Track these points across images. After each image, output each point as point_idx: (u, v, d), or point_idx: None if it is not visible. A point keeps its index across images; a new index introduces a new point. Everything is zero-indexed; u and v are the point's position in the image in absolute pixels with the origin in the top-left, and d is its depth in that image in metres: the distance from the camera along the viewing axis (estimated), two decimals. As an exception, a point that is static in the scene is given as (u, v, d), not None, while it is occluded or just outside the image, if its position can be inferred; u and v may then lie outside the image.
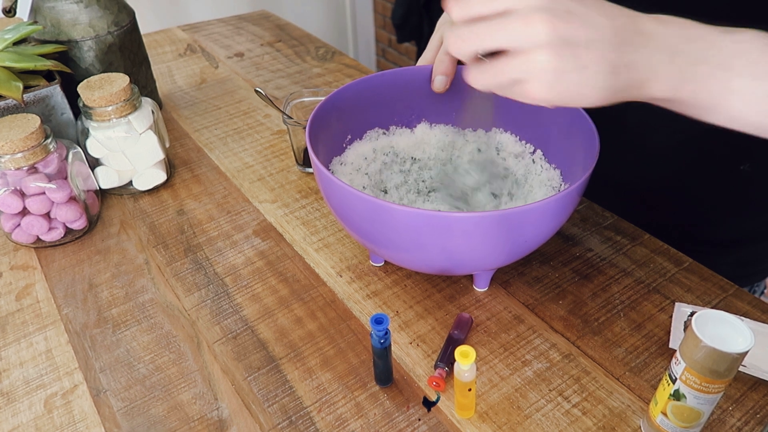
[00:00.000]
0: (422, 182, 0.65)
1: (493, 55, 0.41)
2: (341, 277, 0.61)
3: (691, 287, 0.58)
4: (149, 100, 0.72)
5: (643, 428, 0.47)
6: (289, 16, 1.46)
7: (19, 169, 0.61)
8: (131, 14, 0.80)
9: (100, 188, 0.73)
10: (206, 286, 0.61)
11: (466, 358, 0.43)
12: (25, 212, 0.63)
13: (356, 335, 0.55)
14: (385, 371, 0.50)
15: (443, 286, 0.59)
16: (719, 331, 0.39)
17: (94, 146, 0.69)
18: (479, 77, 0.41)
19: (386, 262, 0.62)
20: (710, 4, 0.47)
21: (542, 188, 0.61)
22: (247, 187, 0.75)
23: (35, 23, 0.74)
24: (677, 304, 0.56)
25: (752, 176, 0.66)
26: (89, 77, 0.70)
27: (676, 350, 0.41)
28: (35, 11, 0.76)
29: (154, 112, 0.72)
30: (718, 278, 0.59)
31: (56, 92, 0.69)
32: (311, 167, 0.73)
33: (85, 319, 0.58)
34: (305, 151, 0.76)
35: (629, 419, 0.48)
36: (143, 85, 0.84)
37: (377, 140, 0.67)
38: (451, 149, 0.67)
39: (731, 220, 0.71)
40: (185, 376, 0.52)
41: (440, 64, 0.59)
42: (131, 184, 0.73)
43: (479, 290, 0.59)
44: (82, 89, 0.67)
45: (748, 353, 0.38)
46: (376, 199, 0.47)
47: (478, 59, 0.41)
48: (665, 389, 0.43)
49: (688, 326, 0.40)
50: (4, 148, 0.59)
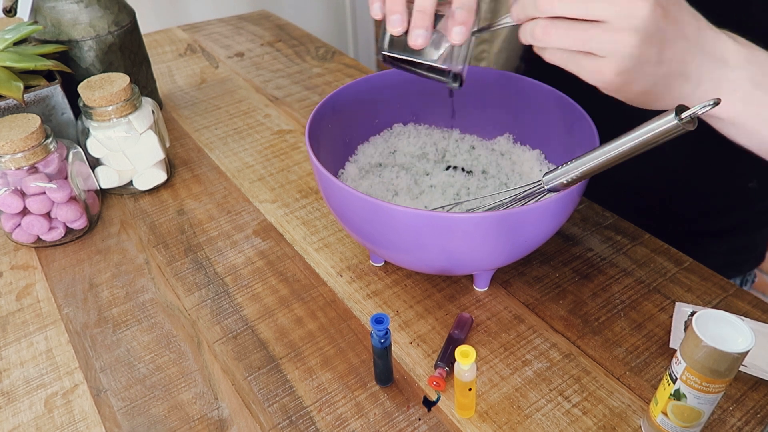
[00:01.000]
0: (425, 176, 0.65)
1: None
2: (341, 276, 0.61)
3: (691, 287, 0.58)
4: (149, 99, 0.72)
5: (643, 428, 0.47)
6: (289, 16, 1.46)
7: (19, 168, 0.61)
8: (131, 14, 0.80)
9: (100, 188, 0.73)
10: (206, 285, 0.61)
11: (466, 357, 0.43)
12: (25, 212, 0.63)
13: (356, 335, 0.55)
14: (385, 371, 0.50)
15: (443, 285, 0.59)
16: (720, 330, 0.39)
17: (94, 146, 0.69)
18: (560, 33, 0.39)
19: (386, 261, 0.62)
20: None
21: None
22: (247, 186, 0.75)
23: (35, 23, 0.74)
24: (677, 303, 0.56)
25: (753, 170, 0.66)
26: (89, 77, 0.70)
27: (676, 350, 0.41)
28: (35, 11, 0.76)
29: (154, 111, 0.72)
30: (718, 278, 0.59)
31: (57, 92, 0.69)
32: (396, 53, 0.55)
33: (85, 318, 0.58)
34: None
35: (629, 419, 0.48)
36: (143, 85, 0.84)
37: (378, 140, 0.67)
38: (444, 151, 0.67)
39: (728, 213, 0.71)
40: (185, 375, 0.52)
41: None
42: (131, 183, 0.73)
43: (479, 290, 0.59)
44: (82, 89, 0.67)
45: (748, 353, 0.38)
46: (375, 199, 0.47)
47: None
48: (666, 389, 0.43)
49: (688, 326, 0.40)
50: (4, 147, 0.59)
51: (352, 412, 0.49)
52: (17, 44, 0.71)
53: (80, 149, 0.67)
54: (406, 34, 0.45)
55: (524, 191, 0.50)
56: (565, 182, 0.45)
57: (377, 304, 0.58)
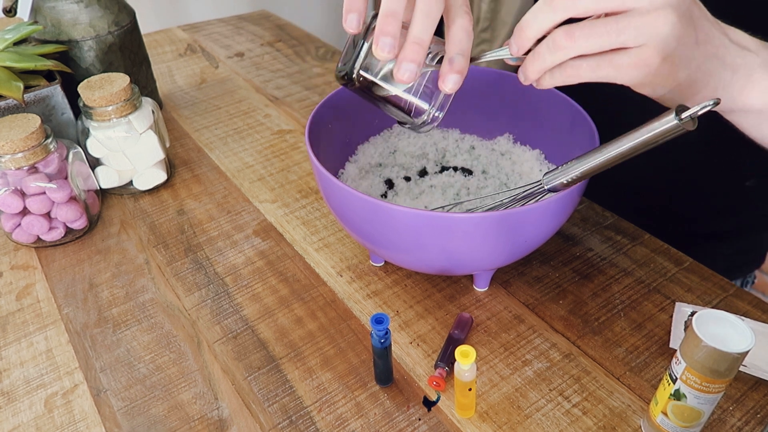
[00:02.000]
0: (422, 175, 0.65)
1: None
2: (341, 276, 0.61)
3: (691, 287, 0.58)
4: (149, 99, 0.72)
5: (643, 428, 0.47)
6: (289, 16, 1.46)
7: (19, 168, 0.61)
8: (131, 14, 0.80)
9: (100, 188, 0.73)
10: (206, 285, 0.61)
11: (466, 357, 0.43)
12: (25, 212, 0.63)
13: (356, 335, 0.55)
14: (385, 371, 0.50)
15: (443, 285, 0.59)
16: (720, 330, 0.39)
17: (94, 146, 0.69)
18: (584, 39, 0.35)
19: (386, 261, 0.62)
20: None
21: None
22: (247, 186, 0.75)
23: (35, 23, 0.74)
24: (678, 303, 0.56)
25: (756, 175, 0.66)
26: (89, 77, 0.70)
27: (676, 350, 0.41)
28: (35, 11, 0.76)
29: (154, 111, 0.72)
30: (718, 278, 0.59)
31: (56, 92, 0.69)
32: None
33: (85, 318, 0.58)
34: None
35: (629, 419, 0.48)
36: (143, 85, 0.84)
37: (378, 140, 0.67)
38: (444, 151, 0.67)
39: (730, 215, 0.71)
40: (185, 375, 0.52)
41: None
42: (131, 183, 0.73)
43: (479, 290, 0.59)
44: (82, 89, 0.67)
45: (748, 353, 0.38)
46: (375, 199, 0.47)
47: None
48: (666, 389, 0.43)
49: (688, 326, 0.40)
50: (4, 148, 0.59)
51: (352, 412, 0.49)
52: (17, 44, 0.71)
53: (80, 149, 0.67)
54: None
55: (524, 191, 0.49)
56: (565, 182, 0.45)
57: (377, 304, 0.58)
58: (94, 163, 0.71)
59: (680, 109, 0.37)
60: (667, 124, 0.37)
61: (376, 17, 0.40)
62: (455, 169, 0.67)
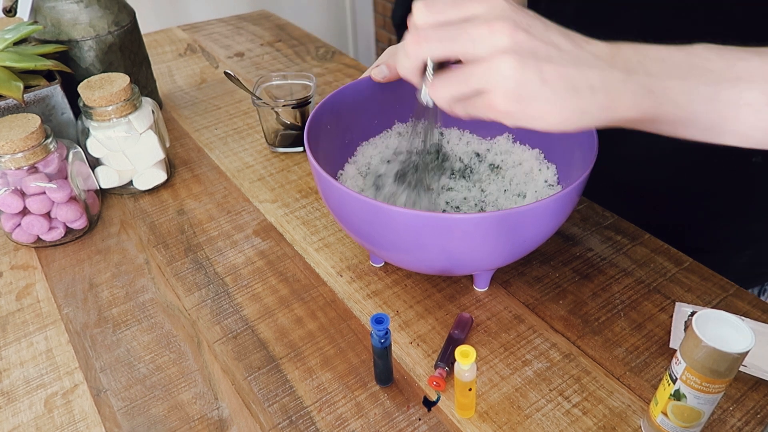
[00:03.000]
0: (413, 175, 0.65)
1: (440, 70, 0.41)
2: (341, 276, 0.61)
3: (691, 287, 0.58)
4: (149, 99, 0.72)
5: (643, 428, 0.47)
6: (289, 16, 1.46)
7: (19, 168, 0.61)
8: (131, 14, 0.80)
9: (100, 188, 0.73)
10: (206, 285, 0.61)
11: (466, 357, 0.43)
12: (25, 212, 0.63)
13: (356, 335, 0.55)
14: (385, 371, 0.50)
15: (443, 285, 0.59)
16: (720, 331, 0.39)
17: (94, 146, 0.69)
18: (442, 89, 0.40)
19: (386, 262, 0.62)
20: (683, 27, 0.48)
21: (541, 188, 0.61)
22: (247, 186, 0.75)
23: (35, 23, 0.74)
24: (677, 303, 0.56)
25: (763, 168, 0.65)
26: (89, 77, 0.70)
27: (676, 350, 0.41)
28: (35, 11, 0.76)
29: (154, 111, 0.72)
30: (718, 278, 0.59)
31: (56, 92, 0.69)
32: (282, 148, 0.81)
33: (85, 318, 0.58)
34: (276, 132, 0.80)
35: (629, 419, 0.48)
36: (143, 84, 0.84)
37: (377, 141, 0.67)
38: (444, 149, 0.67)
39: (742, 216, 0.70)
40: (185, 375, 0.52)
41: (389, 59, 0.59)
42: (131, 183, 0.73)
43: (479, 290, 0.59)
44: (82, 89, 0.67)
45: (748, 353, 0.38)
46: (374, 201, 0.47)
47: (423, 75, 0.42)
48: (666, 389, 0.43)
49: (688, 326, 0.40)
50: (4, 147, 0.59)
51: (352, 412, 0.49)
52: (17, 44, 0.71)
53: (80, 149, 0.67)
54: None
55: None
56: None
57: (377, 304, 0.58)
58: (94, 163, 0.71)
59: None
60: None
61: None
62: (453, 172, 0.67)
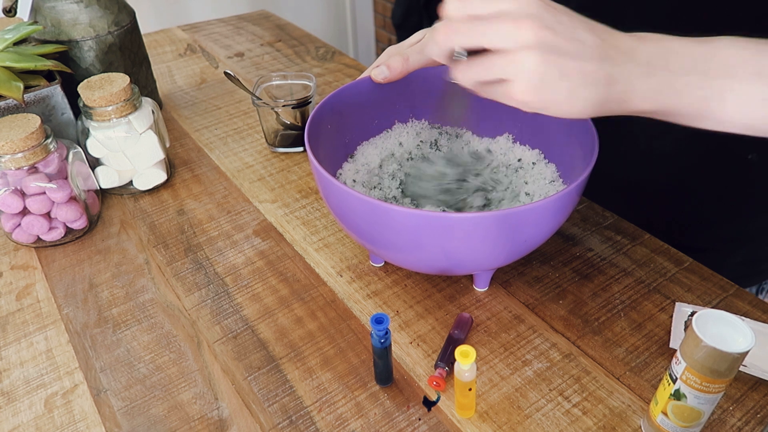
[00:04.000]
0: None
1: (472, 55, 0.42)
2: (341, 276, 0.61)
3: (691, 287, 0.58)
4: (149, 100, 0.72)
5: (643, 428, 0.47)
6: (289, 16, 1.46)
7: (19, 168, 0.61)
8: (131, 14, 0.80)
9: (100, 188, 0.73)
10: (206, 285, 0.61)
11: (466, 357, 0.43)
12: (25, 212, 0.63)
13: (356, 335, 0.55)
14: (385, 371, 0.50)
15: (443, 285, 0.59)
16: (720, 330, 0.39)
17: (94, 146, 0.69)
18: (466, 73, 0.42)
19: (386, 262, 0.62)
20: (688, 16, 0.49)
21: (541, 188, 0.61)
22: (247, 186, 0.75)
23: (35, 23, 0.74)
24: (678, 303, 0.56)
25: (759, 167, 0.65)
26: (89, 77, 0.70)
27: (676, 350, 0.41)
28: (35, 11, 0.76)
29: (154, 112, 0.72)
30: (718, 278, 0.59)
31: (56, 92, 0.69)
32: (282, 148, 0.81)
33: (85, 318, 0.58)
34: (276, 132, 0.80)
35: (629, 419, 0.48)
36: (143, 85, 0.84)
37: (378, 141, 0.67)
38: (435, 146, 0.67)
39: (738, 215, 0.71)
40: (185, 375, 0.52)
41: (389, 59, 0.60)
42: (131, 183, 0.73)
43: (479, 290, 0.59)
44: (82, 89, 0.67)
45: (748, 353, 0.38)
46: (374, 200, 0.47)
47: (453, 59, 0.43)
48: (666, 389, 0.43)
49: (688, 326, 0.40)
50: (4, 148, 0.59)
51: (352, 412, 0.49)
52: (17, 44, 0.71)
53: (80, 149, 0.67)
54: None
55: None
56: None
57: (377, 304, 0.58)
58: (94, 163, 0.71)
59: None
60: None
61: None
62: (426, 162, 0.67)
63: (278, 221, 0.69)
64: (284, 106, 0.77)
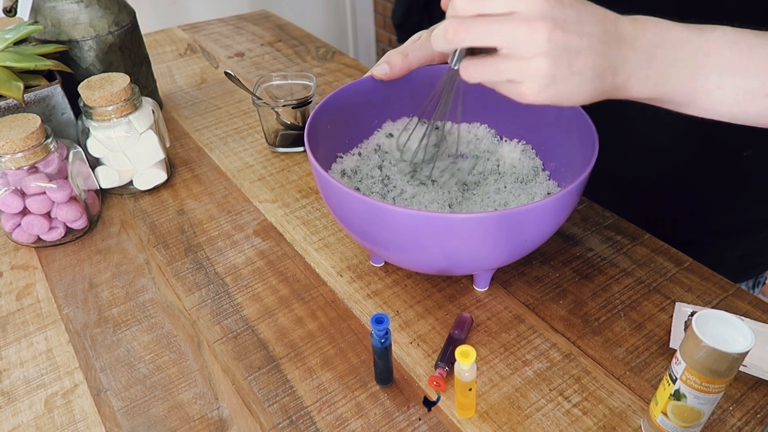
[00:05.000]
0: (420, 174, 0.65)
1: (475, 53, 0.42)
2: (342, 276, 0.61)
3: (691, 287, 0.58)
4: (149, 99, 0.72)
5: (643, 428, 0.47)
6: (289, 16, 1.46)
7: (19, 168, 0.61)
8: (132, 14, 0.80)
9: (100, 188, 0.73)
10: (206, 285, 0.61)
11: (466, 357, 0.43)
12: (25, 212, 0.63)
13: (356, 335, 0.55)
14: (385, 371, 0.50)
15: (443, 285, 0.59)
16: (720, 331, 0.39)
17: (94, 146, 0.69)
18: (476, 71, 0.42)
19: (386, 262, 0.62)
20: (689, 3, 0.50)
21: (541, 188, 0.61)
22: (247, 186, 0.75)
23: (36, 23, 0.74)
24: (678, 303, 0.56)
25: (754, 162, 0.66)
26: (90, 77, 0.70)
27: (676, 350, 0.41)
28: (36, 11, 0.76)
29: (154, 111, 0.72)
30: (718, 278, 0.59)
31: (57, 92, 0.69)
32: (282, 148, 0.81)
33: (85, 318, 0.58)
34: (276, 132, 0.80)
35: (630, 419, 0.48)
36: (143, 84, 0.84)
37: (378, 141, 0.67)
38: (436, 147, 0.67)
39: (734, 208, 0.71)
40: (185, 375, 0.52)
41: (391, 57, 0.60)
42: (132, 183, 0.73)
43: (479, 290, 0.59)
44: (82, 89, 0.67)
45: (748, 353, 0.38)
46: (374, 200, 0.47)
47: (457, 56, 0.44)
48: (666, 389, 0.43)
49: (688, 326, 0.40)
50: (4, 147, 0.59)
51: (352, 412, 0.49)
52: (17, 44, 0.71)
53: (80, 149, 0.67)
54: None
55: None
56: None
57: (377, 304, 0.58)
58: (94, 163, 0.71)
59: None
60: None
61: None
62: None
63: (278, 221, 0.69)
64: (284, 106, 0.77)
